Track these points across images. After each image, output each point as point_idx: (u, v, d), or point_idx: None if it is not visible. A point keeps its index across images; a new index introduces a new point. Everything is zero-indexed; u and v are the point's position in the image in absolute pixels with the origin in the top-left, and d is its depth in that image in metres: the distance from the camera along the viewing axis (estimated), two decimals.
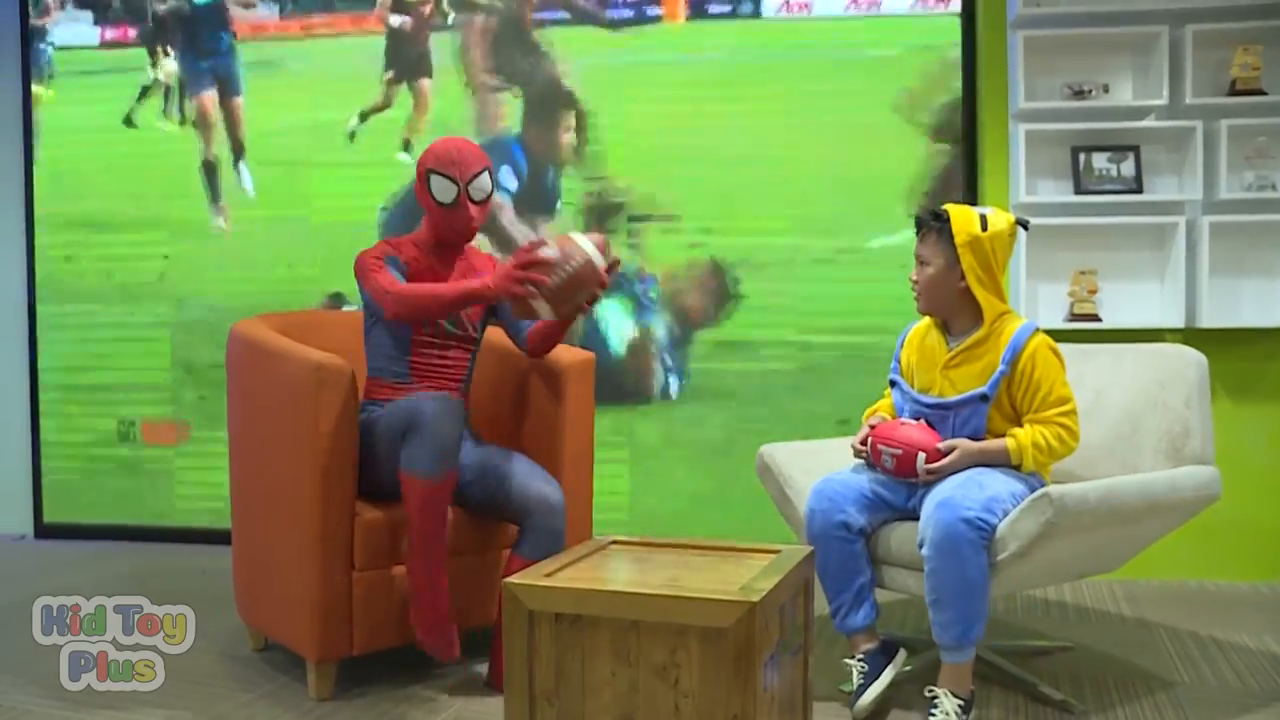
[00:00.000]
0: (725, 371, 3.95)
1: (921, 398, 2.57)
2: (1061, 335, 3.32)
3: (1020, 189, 3.64)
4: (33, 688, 2.63)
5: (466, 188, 2.67)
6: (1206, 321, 3.55)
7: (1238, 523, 3.56)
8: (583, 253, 2.50)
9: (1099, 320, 3.62)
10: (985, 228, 2.47)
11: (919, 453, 2.45)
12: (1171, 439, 2.67)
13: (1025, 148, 3.62)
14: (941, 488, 2.37)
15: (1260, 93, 3.55)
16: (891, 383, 2.69)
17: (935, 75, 3.81)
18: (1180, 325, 3.58)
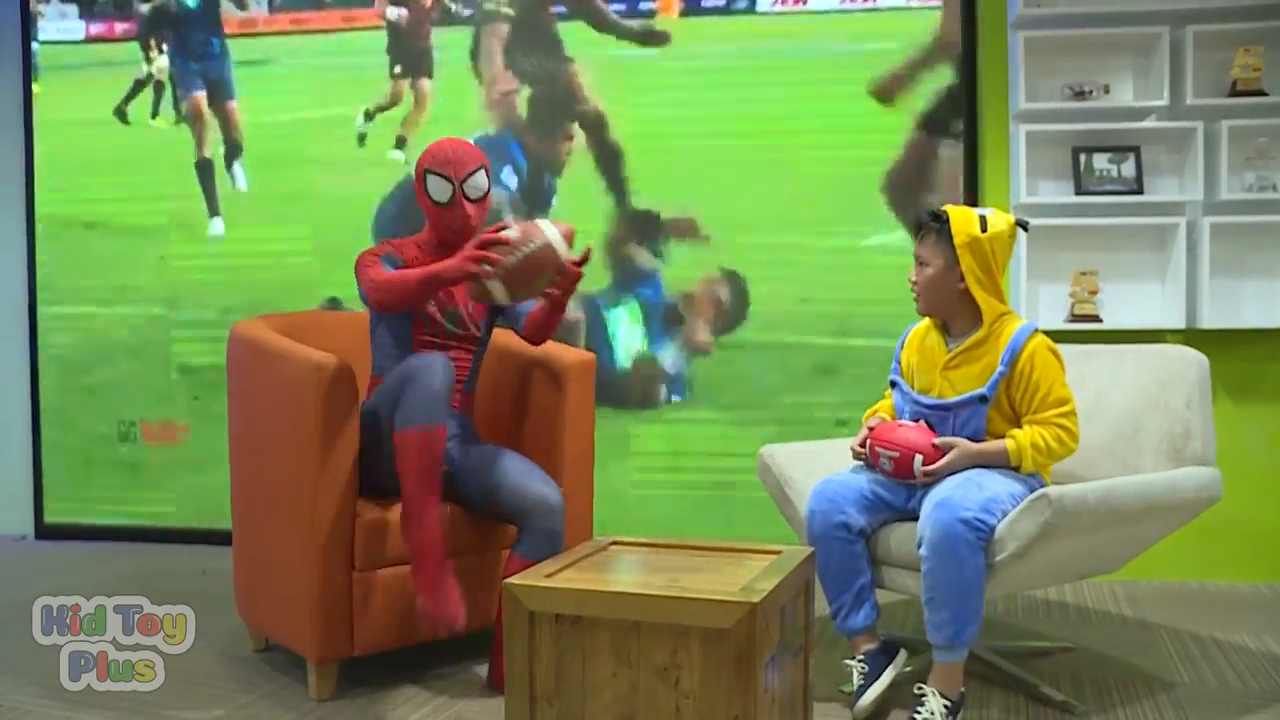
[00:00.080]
0: (726, 371, 3.95)
1: (921, 399, 2.57)
2: (1062, 336, 3.32)
3: (1021, 190, 3.63)
4: (33, 688, 2.63)
5: (461, 186, 2.68)
6: (1207, 322, 3.55)
7: (1238, 523, 3.56)
8: (544, 237, 2.49)
9: (1100, 321, 3.62)
10: (985, 229, 2.47)
11: (916, 455, 2.45)
12: (1172, 440, 2.67)
13: (1026, 148, 3.62)
14: (941, 488, 2.37)
15: (1261, 93, 3.55)
16: (892, 384, 2.69)
17: (920, 65, 3.79)
18: (1181, 326, 3.58)
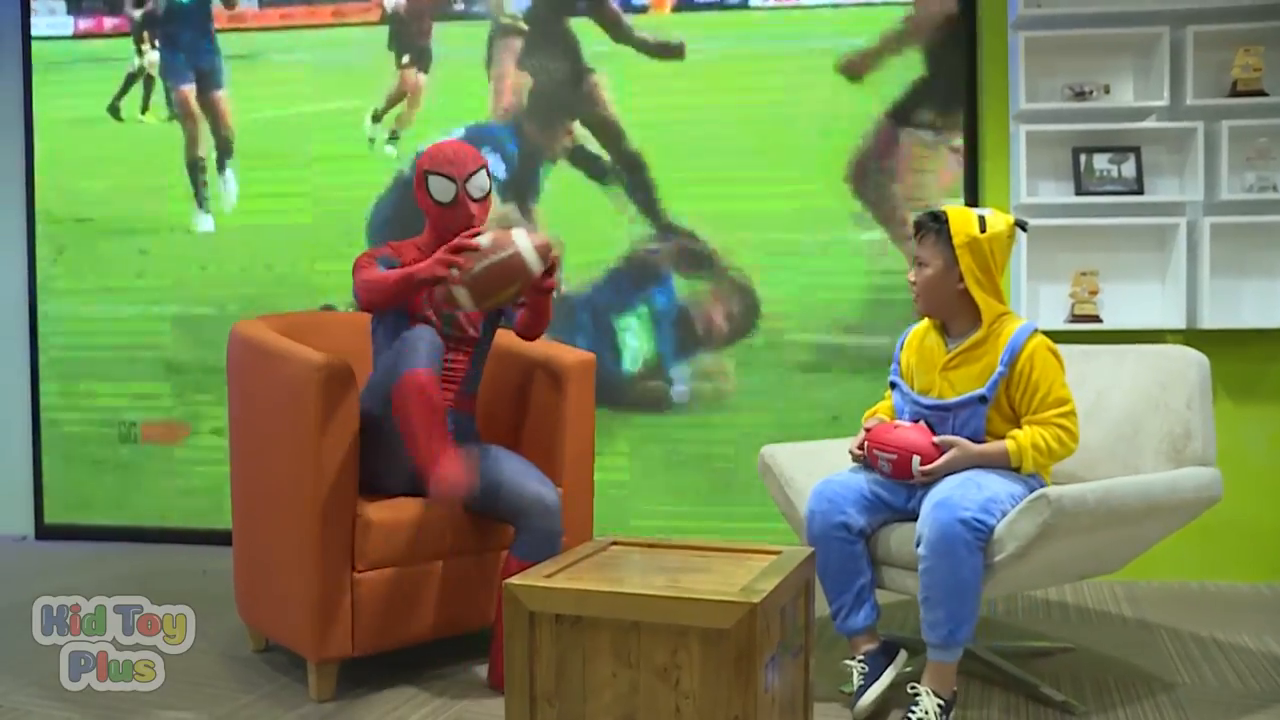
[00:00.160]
0: (727, 373, 3.94)
1: (921, 399, 2.57)
2: (1062, 336, 3.32)
3: (1021, 190, 3.63)
4: (33, 688, 2.63)
5: (464, 185, 2.68)
6: (1207, 322, 3.55)
7: (1239, 524, 3.56)
8: (514, 247, 2.48)
9: (1100, 321, 3.62)
10: (984, 229, 2.46)
11: (914, 455, 2.45)
12: (1173, 440, 2.67)
13: (1026, 149, 3.62)
14: (940, 488, 2.37)
15: (1261, 94, 3.55)
16: (891, 384, 2.69)
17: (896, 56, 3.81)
18: (1181, 326, 3.58)
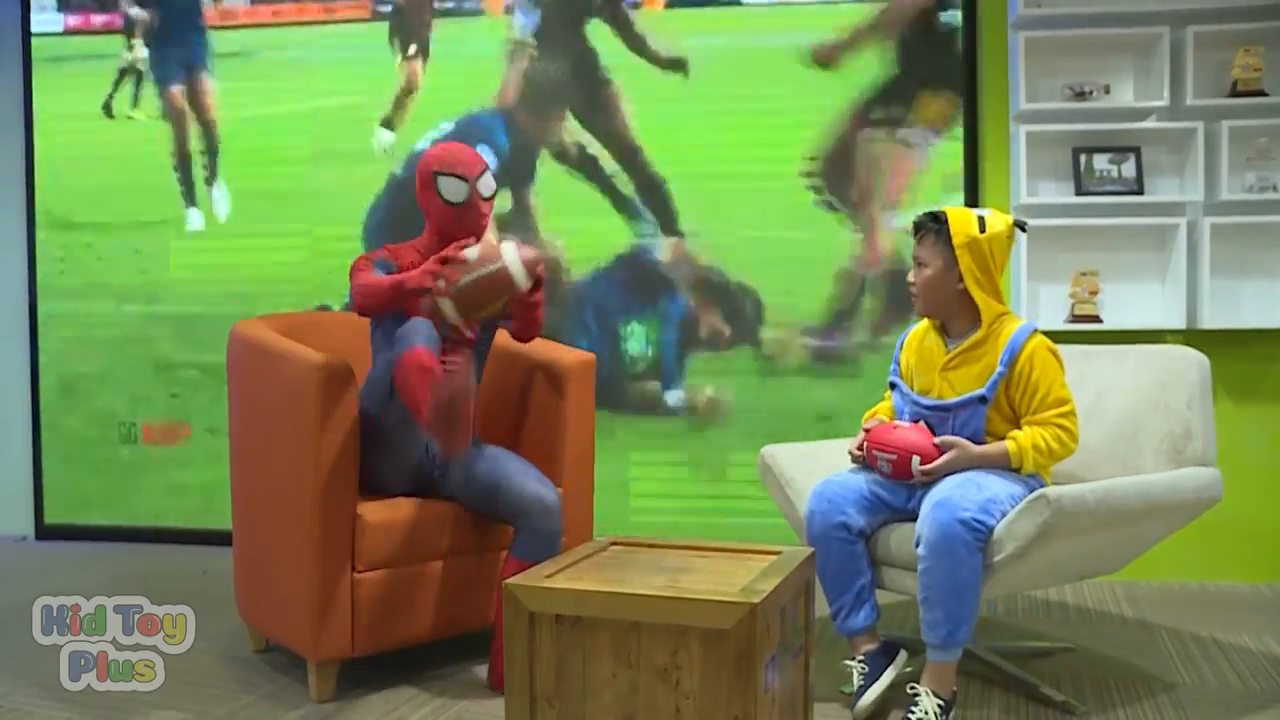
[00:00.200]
0: (727, 372, 3.95)
1: (921, 400, 2.57)
2: (1062, 336, 3.32)
3: (1021, 190, 3.63)
4: (33, 688, 2.63)
5: (475, 185, 2.68)
6: (1208, 323, 3.55)
7: (1239, 524, 3.56)
8: (501, 261, 2.49)
9: (1100, 321, 3.62)
10: (983, 229, 2.46)
11: (913, 456, 2.45)
12: (1173, 440, 2.67)
13: (1026, 149, 3.62)
14: (940, 488, 2.37)
15: (1261, 94, 3.55)
16: (891, 385, 2.69)
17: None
18: (1181, 326, 3.58)
